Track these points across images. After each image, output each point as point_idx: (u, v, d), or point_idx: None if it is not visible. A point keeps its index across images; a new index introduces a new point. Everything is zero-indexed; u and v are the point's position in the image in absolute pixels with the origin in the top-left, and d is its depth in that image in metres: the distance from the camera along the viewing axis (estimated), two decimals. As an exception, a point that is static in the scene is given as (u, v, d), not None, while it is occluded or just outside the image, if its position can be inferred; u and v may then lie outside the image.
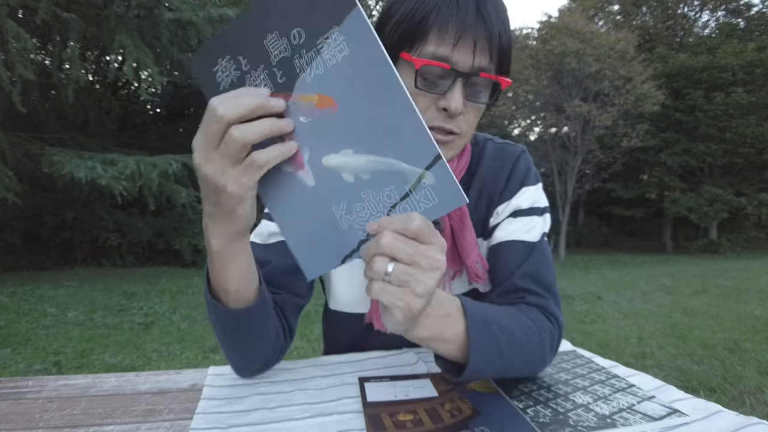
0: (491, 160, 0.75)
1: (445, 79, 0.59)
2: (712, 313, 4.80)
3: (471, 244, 0.69)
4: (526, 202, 0.72)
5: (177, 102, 13.16)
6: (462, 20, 0.57)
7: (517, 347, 0.58)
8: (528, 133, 19.42)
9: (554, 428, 0.50)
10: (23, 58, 5.76)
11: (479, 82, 0.60)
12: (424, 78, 0.59)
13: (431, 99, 0.60)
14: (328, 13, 0.41)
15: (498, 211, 0.73)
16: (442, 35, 0.57)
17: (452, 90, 0.58)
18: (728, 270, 9.41)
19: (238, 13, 0.93)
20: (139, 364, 3.36)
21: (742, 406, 2.31)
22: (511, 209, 0.72)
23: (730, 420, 0.52)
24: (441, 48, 0.57)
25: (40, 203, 9.05)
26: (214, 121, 0.42)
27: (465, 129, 0.62)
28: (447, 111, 0.59)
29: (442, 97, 0.59)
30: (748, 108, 14.84)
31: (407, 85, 0.59)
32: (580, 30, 13.05)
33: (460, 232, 0.69)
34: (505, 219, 0.72)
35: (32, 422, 0.54)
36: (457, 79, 0.58)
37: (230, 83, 0.47)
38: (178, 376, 0.69)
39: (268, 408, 0.57)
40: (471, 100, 0.61)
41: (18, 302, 5.43)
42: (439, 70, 0.58)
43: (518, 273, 0.68)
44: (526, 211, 0.72)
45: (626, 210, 18.42)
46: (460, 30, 0.57)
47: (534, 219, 0.71)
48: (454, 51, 0.57)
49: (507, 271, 0.69)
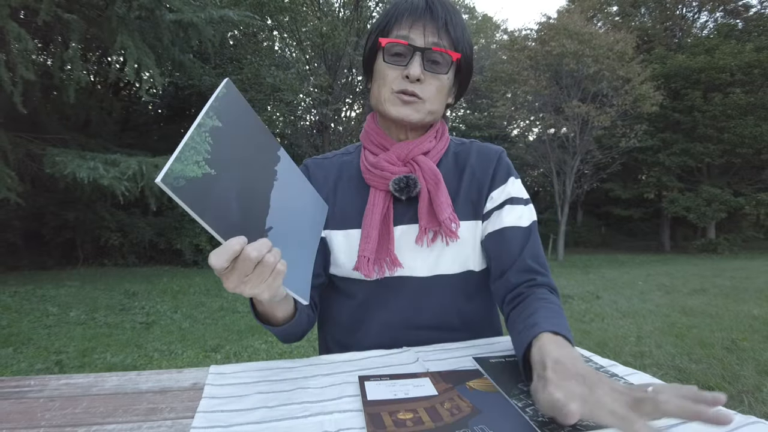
0: (477, 155, 0.88)
1: (407, 55, 0.77)
2: (711, 313, 4.81)
3: (444, 203, 0.79)
4: (516, 192, 0.84)
5: (178, 103, 13.15)
6: (414, 12, 0.77)
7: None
8: (527, 133, 19.45)
9: (553, 427, 0.50)
10: (25, 59, 5.76)
11: (435, 57, 0.77)
12: (391, 54, 0.78)
13: (398, 70, 0.77)
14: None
15: (493, 196, 0.84)
16: (400, 24, 0.77)
17: (412, 61, 0.76)
18: (726, 269, 9.42)
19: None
20: (141, 363, 3.36)
21: (740, 405, 2.31)
22: (506, 196, 0.83)
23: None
24: (401, 31, 0.77)
25: (42, 203, 9.06)
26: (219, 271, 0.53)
27: (428, 95, 0.78)
28: (408, 78, 0.76)
29: (405, 68, 0.76)
30: (746, 108, 14.83)
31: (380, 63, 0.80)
32: (579, 31, 13.05)
33: (434, 193, 0.79)
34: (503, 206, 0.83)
35: (34, 421, 0.55)
36: (415, 52, 0.76)
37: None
38: (179, 375, 0.70)
39: (269, 407, 0.58)
40: (429, 70, 0.77)
41: (20, 302, 5.44)
42: (401, 47, 0.77)
43: (526, 254, 0.80)
44: (516, 200, 0.83)
45: (624, 210, 18.42)
46: (413, 18, 0.77)
47: (523, 208, 0.83)
48: (410, 32, 0.76)
49: (514, 252, 0.80)
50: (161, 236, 10.22)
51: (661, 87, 14.65)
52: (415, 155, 0.82)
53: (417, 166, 0.81)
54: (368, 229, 0.80)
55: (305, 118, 14.12)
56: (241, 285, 0.52)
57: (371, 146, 0.86)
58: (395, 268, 0.81)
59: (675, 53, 16.92)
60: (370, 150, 0.86)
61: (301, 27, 12.42)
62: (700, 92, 15.62)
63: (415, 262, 0.82)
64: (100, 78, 12.13)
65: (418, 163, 0.81)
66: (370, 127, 0.87)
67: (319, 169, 0.89)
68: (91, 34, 7.29)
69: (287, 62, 12.98)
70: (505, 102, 15.39)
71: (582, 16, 14.79)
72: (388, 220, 0.81)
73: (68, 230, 9.46)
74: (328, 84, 11.98)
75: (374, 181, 0.82)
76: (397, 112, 0.78)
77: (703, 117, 15.41)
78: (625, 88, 13.39)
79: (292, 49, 13.59)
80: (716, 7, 18.00)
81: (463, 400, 0.58)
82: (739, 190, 16.12)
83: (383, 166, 0.81)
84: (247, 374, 0.68)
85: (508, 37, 19.42)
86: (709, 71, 15.26)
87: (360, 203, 0.84)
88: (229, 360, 3.45)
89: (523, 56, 14.24)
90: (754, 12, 17.46)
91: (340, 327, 0.88)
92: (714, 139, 15.35)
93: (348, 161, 0.90)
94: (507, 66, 14.79)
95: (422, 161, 0.81)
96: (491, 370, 0.67)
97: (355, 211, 0.84)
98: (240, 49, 12.32)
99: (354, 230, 0.83)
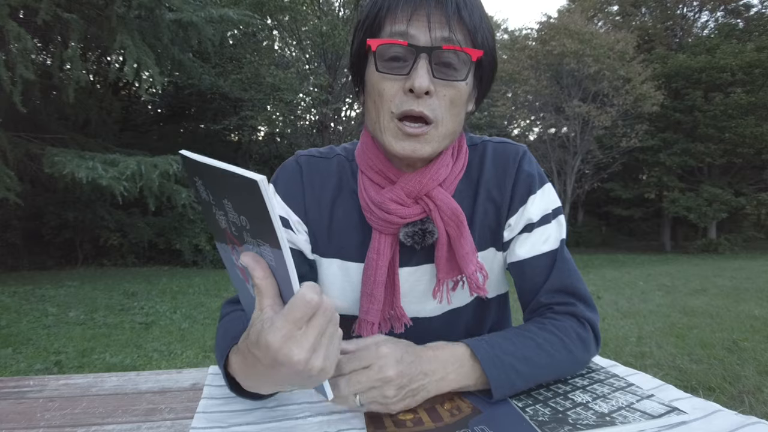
0: (493, 163, 0.70)
1: (408, 58, 0.57)
2: (711, 313, 4.80)
3: (468, 254, 0.64)
4: (536, 212, 0.68)
5: (178, 102, 13.16)
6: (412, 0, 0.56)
7: (537, 367, 0.59)
8: (527, 133, 19.42)
9: (553, 427, 0.50)
10: (24, 59, 5.76)
11: (447, 57, 0.57)
12: (386, 60, 0.57)
13: (398, 82, 0.57)
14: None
15: (510, 223, 0.69)
16: (394, 16, 0.56)
17: (416, 67, 0.55)
18: (727, 269, 9.41)
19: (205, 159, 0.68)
20: (140, 364, 3.36)
21: (741, 406, 2.31)
22: (524, 222, 0.68)
23: (729, 419, 0.52)
24: (396, 26, 0.56)
25: (41, 203, 9.06)
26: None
27: (440, 115, 0.58)
28: (413, 92, 0.56)
29: (408, 78, 0.56)
30: (747, 108, 14.81)
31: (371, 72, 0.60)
32: (580, 31, 13.06)
33: (457, 241, 0.64)
34: (521, 234, 0.69)
35: (33, 421, 0.55)
36: (419, 54, 0.55)
37: (204, 200, 0.45)
38: (178, 376, 0.70)
39: (269, 407, 0.57)
40: (440, 77, 0.57)
41: (19, 302, 5.44)
42: (400, 49, 0.56)
43: (543, 290, 0.67)
44: (538, 222, 0.68)
45: (625, 210, 18.40)
46: (412, 5, 0.56)
47: (547, 228, 0.69)
48: (409, 26, 0.56)
49: (534, 287, 0.68)
50: (161, 236, 10.22)
51: (662, 87, 14.65)
52: (430, 190, 0.64)
53: (433, 205, 0.64)
54: (371, 285, 0.65)
55: (305, 118, 14.12)
56: (318, 349, 0.39)
57: (371, 173, 0.67)
58: (402, 324, 0.68)
59: (676, 53, 16.92)
60: (369, 177, 0.67)
61: (300, 26, 12.41)
62: (701, 92, 15.61)
63: (425, 306, 0.71)
64: (100, 78, 12.14)
65: (434, 201, 0.64)
66: (369, 148, 0.67)
67: (315, 173, 0.71)
68: (90, 33, 7.29)
69: (287, 62, 12.99)
70: (505, 102, 15.40)
71: (582, 16, 14.80)
72: (393, 267, 0.66)
73: (68, 230, 9.46)
74: (328, 83, 11.98)
75: (379, 225, 0.65)
76: (402, 149, 0.59)
77: (703, 117, 15.40)
78: (626, 87, 13.40)
79: (292, 48, 13.58)
80: (717, 7, 17.99)
81: (463, 400, 0.58)
82: (740, 190, 16.11)
83: (390, 209, 0.63)
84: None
85: (508, 37, 19.44)
86: (710, 71, 15.25)
87: (363, 230, 0.69)
88: (229, 360, 3.44)
89: (524, 56, 14.25)
90: (754, 12, 17.46)
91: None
92: (715, 139, 15.34)
93: (349, 167, 0.72)
94: (507, 65, 14.78)
95: (439, 199, 0.64)
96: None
97: (357, 240, 0.69)
98: (240, 48, 12.33)
99: (352, 264, 0.70)
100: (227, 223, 0.43)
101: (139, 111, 13.90)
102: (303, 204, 0.70)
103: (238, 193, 0.37)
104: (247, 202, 0.37)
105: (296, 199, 0.70)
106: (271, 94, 11.53)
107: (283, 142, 14.92)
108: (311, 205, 0.70)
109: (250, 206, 0.37)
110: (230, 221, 0.42)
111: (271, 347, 0.37)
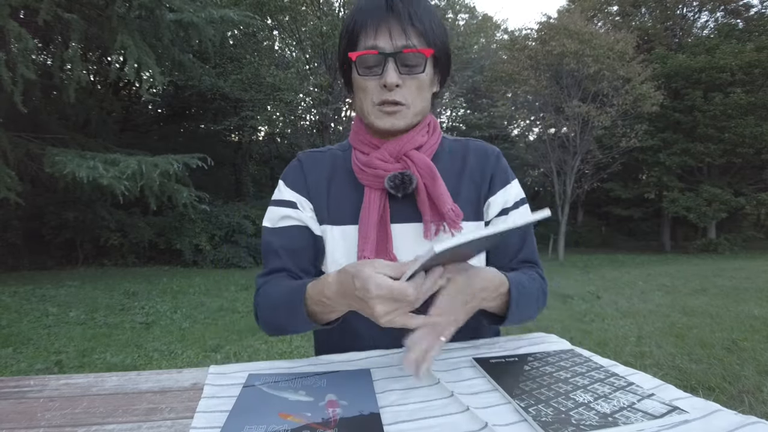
0: (475, 155, 0.88)
1: (380, 63, 0.75)
2: (711, 313, 4.81)
3: (443, 195, 0.78)
4: (511, 198, 0.86)
5: (178, 102, 13.17)
6: (376, 15, 0.75)
7: (530, 296, 0.79)
8: (527, 133, 19.42)
9: (557, 427, 0.50)
10: (25, 59, 5.76)
11: (408, 58, 0.75)
12: (365, 67, 0.76)
13: (375, 80, 0.76)
14: None
15: (490, 202, 0.86)
16: (366, 32, 0.75)
17: (386, 69, 0.74)
18: (727, 269, 9.41)
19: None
20: (141, 363, 3.36)
21: (740, 405, 2.31)
22: (504, 203, 0.86)
23: (729, 419, 0.52)
24: (368, 41, 0.75)
25: (41, 203, 9.07)
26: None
27: (410, 99, 0.77)
28: (386, 86, 0.75)
29: (381, 77, 0.75)
30: (746, 108, 14.81)
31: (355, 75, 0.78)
32: (579, 31, 13.04)
33: (432, 187, 0.79)
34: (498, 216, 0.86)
35: (34, 421, 0.55)
36: (387, 59, 0.74)
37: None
38: (179, 375, 0.70)
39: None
40: (406, 73, 0.76)
41: (20, 302, 5.44)
42: (372, 57, 0.75)
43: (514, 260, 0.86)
44: (512, 207, 0.86)
45: (625, 210, 18.41)
46: (376, 23, 0.75)
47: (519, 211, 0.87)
48: (377, 40, 0.74)
49: (507, 257, 0.86)
50: (161, 236, 10.23)
51: (662, 87, 14.64)
52: (408, 150, 0.80)
53: (410, 162, 0.80)
54: (366, 229, 0.79)
55: (305, 118, 14.12)
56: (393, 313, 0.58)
57: (361, 146, 0.84)
58: None
59: (675, 53, 16.91)
60: (360, 150, 0.84)
61: (301, 26, 12.40)
62: (701, 92, 15.60)
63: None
64: (100, 78, 12.15)
65: (412, 159, 0.80)
66: (358, 127, 0.86)
67: (312, 163, 0.88)
68: (91, 33, 7.29)
69: (287, 62, 12.98)
70: (505, 102, 15.38)
71: (582, 16, 14.79)
72: (385, 219, 0.80)
73: (68, 230, 9.47)
74: (328, 84, 11.97)
75: (368, 180, 0.81)
76: (383, 124, 0.78)
77: (703, 117, 15.40)
78: (626, 87, 13.38)
79: (292, 48, 13.58)
80: (717, 7, 17.98)
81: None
82: (740, 190, 16.11)
83: (376, 164, 0.80)
84: (247, 374, 0.67)
85: (508, 37, 19.43)
86: (710, 71, 15.25)
87: (356, 199, 0.83)
88: (228, 360, 3.45)
89: (524, 56, 14.24)
90: (754, 12, 17.45)
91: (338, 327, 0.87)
92: (714, 139, 15.34)
93: (341, 156, 0.88)
94: (507, 66, 14.78)
95: (415, 156, 0.80)
96: (491, 370, 0.67)
97: (351, 207, 0.83)
98: (240, 48, 12.33)
99: (351, 227, 0.82)
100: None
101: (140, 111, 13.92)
102: (305, 186, 0.86)
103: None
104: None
105: (300, 184, 0.86)
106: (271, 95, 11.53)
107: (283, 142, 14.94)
108: (312, 185, 0.86)
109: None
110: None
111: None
